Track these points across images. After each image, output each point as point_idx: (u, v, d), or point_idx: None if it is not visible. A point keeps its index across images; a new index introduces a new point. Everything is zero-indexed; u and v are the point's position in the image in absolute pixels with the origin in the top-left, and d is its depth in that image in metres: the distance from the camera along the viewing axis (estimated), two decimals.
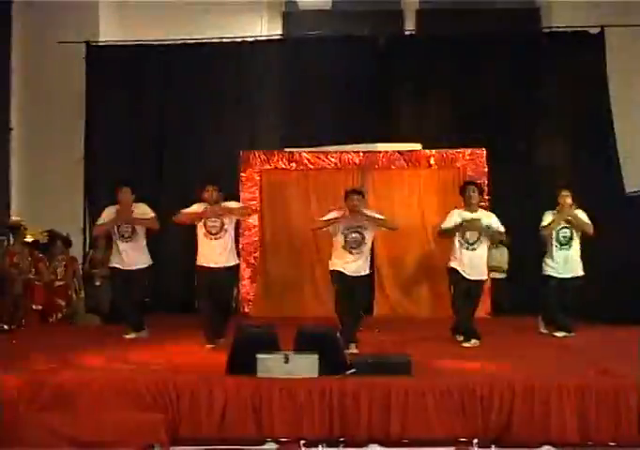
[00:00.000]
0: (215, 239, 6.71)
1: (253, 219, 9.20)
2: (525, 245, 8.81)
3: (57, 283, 8.50)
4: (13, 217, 9.39)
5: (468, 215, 6.71)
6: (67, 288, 8.49)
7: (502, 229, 6.79)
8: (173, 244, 9.08)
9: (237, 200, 8.48)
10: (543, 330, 7.29)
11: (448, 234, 6.80)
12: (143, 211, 7.19)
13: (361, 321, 6.65)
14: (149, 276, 7.43)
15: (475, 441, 4.66)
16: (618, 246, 8.52)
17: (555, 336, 7.07)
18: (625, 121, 9.52)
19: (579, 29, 9.58)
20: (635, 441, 4.63)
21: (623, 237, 8.67)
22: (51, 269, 8.49)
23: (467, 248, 6.66)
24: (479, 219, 6.65)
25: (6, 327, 7.66)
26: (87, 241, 9.59)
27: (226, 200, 6.91)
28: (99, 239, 8.67)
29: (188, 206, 6.85)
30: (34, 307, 8.21)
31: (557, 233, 7.18)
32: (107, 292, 8.71)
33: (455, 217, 6.77)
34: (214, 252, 6.71)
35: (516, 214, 8.66)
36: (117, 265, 7.21)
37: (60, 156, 9.96)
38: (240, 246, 9.08)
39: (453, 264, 6.73)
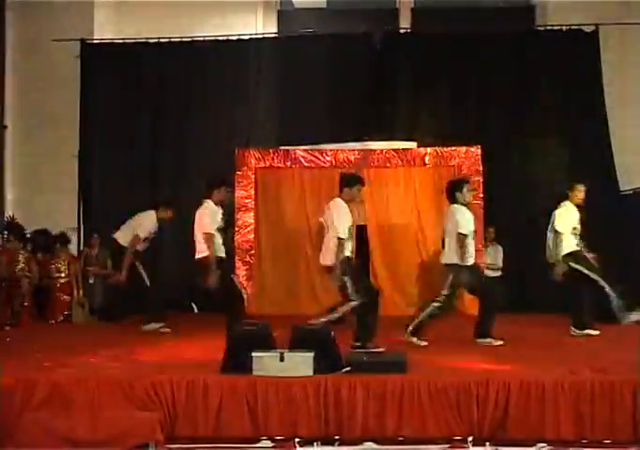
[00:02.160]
0: None
1: (249, 217, 9.21)
2: (520, 243, 8.84)
3: (61, 280, 8.48)
4: (8, 216, 9.38)
5: (470, 214, 6.57)
6: (70, 285, 8.49)
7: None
8: (170, 242, 9.06)
9: (233, 198, 8.54)
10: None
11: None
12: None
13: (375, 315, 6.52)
14: None
15: (470, 438, 4.66)
16: (613, 244, 8.54)
17: (591, 335, 7.00)
18: (619, 120, 9.54)
19: (574, 27, 9.60)
20: (630, 438, 4.64)
21: (618, 236, 8.70)
22: (54, 267, 8.47)
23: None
24: None
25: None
26: (82, 239, 9.57)
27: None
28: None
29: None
30: (25, 303, 8.21)
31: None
32: (100, 290, 8.74)
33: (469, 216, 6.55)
34: None
35: (510, 212, 8.67)
36: None
37: (54, 154, 9.95)
38: (236, 244, 9.11)
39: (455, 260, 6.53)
